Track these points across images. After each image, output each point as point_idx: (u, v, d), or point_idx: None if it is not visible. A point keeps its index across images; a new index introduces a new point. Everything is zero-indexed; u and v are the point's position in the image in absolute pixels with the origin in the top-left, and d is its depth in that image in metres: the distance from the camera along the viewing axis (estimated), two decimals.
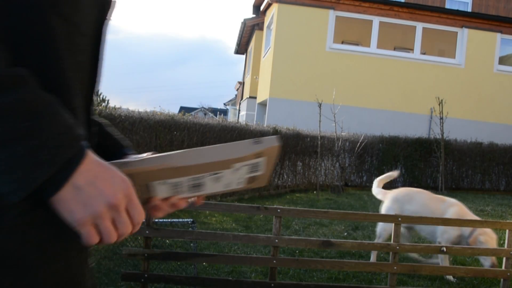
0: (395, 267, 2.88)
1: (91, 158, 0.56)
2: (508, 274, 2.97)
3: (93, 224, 0.56)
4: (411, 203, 3.81)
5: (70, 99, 0.61)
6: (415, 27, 11.62)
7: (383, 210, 4.00)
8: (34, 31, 0.57)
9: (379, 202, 7.30)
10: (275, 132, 8.24)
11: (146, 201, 0.71)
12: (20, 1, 0.55)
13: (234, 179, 0.74)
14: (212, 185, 0.73)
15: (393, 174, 4.34)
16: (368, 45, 11.49)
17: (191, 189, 0.73)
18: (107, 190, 0.56)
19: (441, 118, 9.12)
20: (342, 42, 11.72)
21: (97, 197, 0.55)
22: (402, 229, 3.64)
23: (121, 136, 0.82)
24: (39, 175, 0.51)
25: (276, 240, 2.82)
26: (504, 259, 3.02)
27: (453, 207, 3.61)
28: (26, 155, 0.50)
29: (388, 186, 10.06)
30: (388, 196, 4.03)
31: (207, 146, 0.69)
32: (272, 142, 0.71)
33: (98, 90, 0.73)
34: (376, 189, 4.21)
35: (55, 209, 0.55)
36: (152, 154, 0.69)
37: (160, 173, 0.66)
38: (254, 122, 11.86)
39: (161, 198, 0.70)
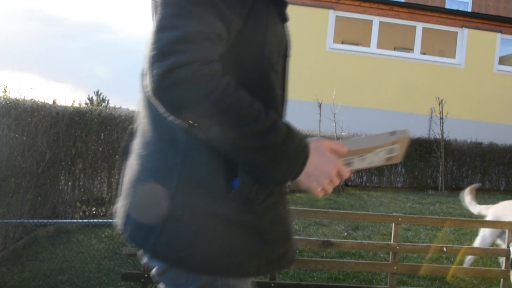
0: (395, 267, 2.88)
1: (313, 151, 0.90)
2: (508, 274, 2.96)
3: (322, 187, 0.92)
4: (507, 217, 3.49)
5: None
6: (415, 27, 11.61)
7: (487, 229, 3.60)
8: (263, 83, 0.91)
9: (379, 202, 7.31)
10: None
11: None
12: (257, 68, 0.90)
13: (377, 158, 1.00)
14: (359, 163, 0.99)
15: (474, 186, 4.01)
16: (368, 45, 11.49)
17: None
18: (326, 169, 0.91)
19: (441, 118, 9.12)
20: (342, 42, 11.71)
21: (321, 175, 0.91)
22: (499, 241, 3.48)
23: None
24: (289, 176, 0.89)
25: None
26: (504, 259, 3.02)
27: None
28: (285, 164, 0.86)
29: (388, 185, 9.99)
30: (489, 213, 3.71)
31: (355, 138, 0.99)
32: (404, 134, 0.97)
33: None
34: (475, 206, 3.86)
35: (296, 182, 0.92)
36: None
37: None
38: None
39: None
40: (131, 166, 0.98)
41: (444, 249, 2.97)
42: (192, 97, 0.77)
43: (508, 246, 2.99)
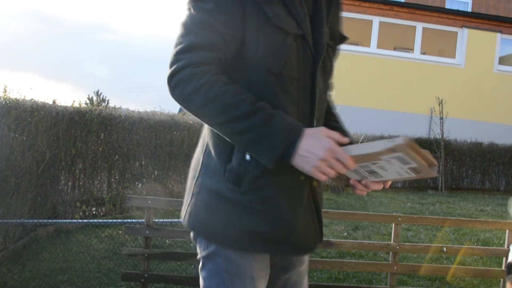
0: (395, 267, 2.88)
1: (305, 136, 1.00)
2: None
3: (318, 170, 0.99)
4: None
5: None
6: (415, 27, 11.61)
7: None
8: (261, 84, 1.07)
9: (379, 202, 7.31)
10: None
11: (347, 180, 1.13)
12: (256, 71, 1.06)
13: (398, 168, 1.00)
14: (384, 173, 1.03)
15: None
16: (368, 45, 11.49)
17: (369, 175, 1.06)
18: (318, 152, 0.98)
19: (441, 118, 9.12)
20: None
21: (314, 158, 0.98)
22: None
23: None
24: (275, 155, 1.00)
25: None
26: (504, 259, 3.02)
27: None
28: (270, 144, 0.99)
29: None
30: None
31: (357, 144, 1.00)
32: (400, 141, 0.92)
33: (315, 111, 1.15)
34: None
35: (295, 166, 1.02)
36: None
37: None
38: None
39: (354, 179, 1.11)
40: None
41: (444, 249, 2.97)
42: (189, 92, 1.01)
43: (509, 246, 2.99)
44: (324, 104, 1.21)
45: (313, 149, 0.98)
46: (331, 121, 1.30)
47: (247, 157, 1.06)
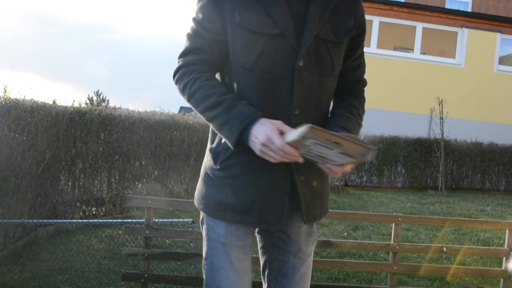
0: (395, 267, 2.88)
1: (257, 123, 1.15)
2: (508, 274, 2.97)
3: (262, 153, 1.14)
4: None
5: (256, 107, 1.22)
6: (415, 27, 11.61)
7: None
8: (239, 78, 1.25)
9: (379, 202, 7.31)
10: None
11: (316, 163, 1.19)
12: (234, 66, 1.25)
13: (332, 153, 1.07)
14: (330, 157, 1.10)
15: None
16: (368, 45, 11.48)
17: (322, 159, 1.13)
18: (260, 137, 1.13)
19: (441, 118, 9.12)
20: None
21: (257, 142, 1.14)
22: None
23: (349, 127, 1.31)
24: (232, 138, 1.19)
25: None
26: (504, 259, 3.02)
27: None
28: (229, 129, 1.19)
29: (388, 185, 9.97)
30: None
31: (291, 131, 1.07)
32: (303, 128, 1.00)
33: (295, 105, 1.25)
34: None
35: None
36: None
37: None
38: None
39: (320, 162, 1.18)
40: None
41: (444, 249, 2.97)
42: (182, 87, 1.27)
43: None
44: (315, 95, 1.28)
45: (258, 135, 1.14)
46: (338, 109, 1.38)
47: (223, 140, 1.26)
